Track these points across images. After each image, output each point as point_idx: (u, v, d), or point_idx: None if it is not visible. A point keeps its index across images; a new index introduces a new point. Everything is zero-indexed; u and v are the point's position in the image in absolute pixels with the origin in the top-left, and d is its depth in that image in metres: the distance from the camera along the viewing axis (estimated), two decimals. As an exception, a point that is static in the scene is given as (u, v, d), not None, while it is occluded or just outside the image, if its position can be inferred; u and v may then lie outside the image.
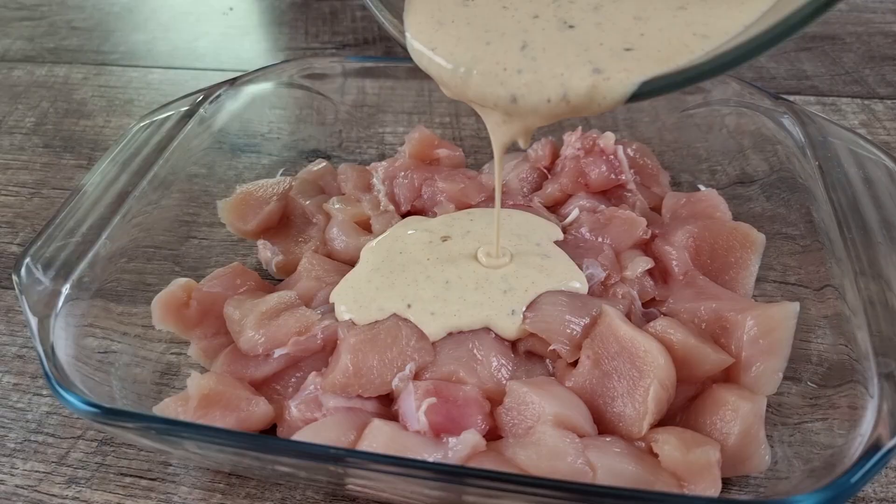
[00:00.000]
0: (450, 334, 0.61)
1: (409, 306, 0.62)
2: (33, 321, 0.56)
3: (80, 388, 0.53)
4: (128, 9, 1.40)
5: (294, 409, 0.57)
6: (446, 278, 0.64)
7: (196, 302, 0.65)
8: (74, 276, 0.61)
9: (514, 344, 0.62)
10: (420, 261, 0.67)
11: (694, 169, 0.83)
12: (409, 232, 0.71)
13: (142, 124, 0.76)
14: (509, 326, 0.61)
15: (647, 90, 0.45)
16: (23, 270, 0.59)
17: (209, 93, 0.80)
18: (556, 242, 0.69)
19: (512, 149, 0.91)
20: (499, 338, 0.61)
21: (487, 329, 0.61)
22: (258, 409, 0.57)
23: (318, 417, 0.57)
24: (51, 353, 0.54)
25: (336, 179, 0.82)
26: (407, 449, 0.52)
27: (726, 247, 0.68)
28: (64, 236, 0.63)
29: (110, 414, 0.50)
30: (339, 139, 0.92)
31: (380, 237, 0.72)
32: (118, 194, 0.68)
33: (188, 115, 0.77)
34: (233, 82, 0.82)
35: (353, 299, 0.64)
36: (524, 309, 0.61)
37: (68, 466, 0.61)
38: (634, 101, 0.46)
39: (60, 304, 0.58)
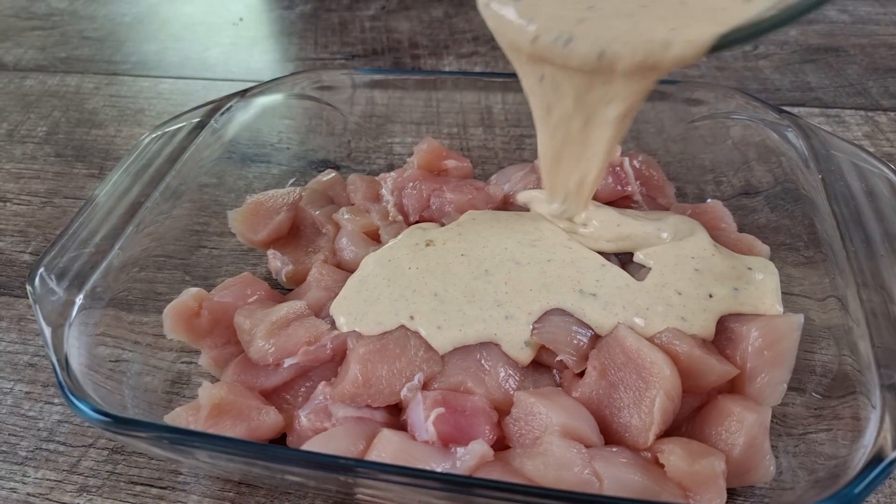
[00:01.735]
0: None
1: (411, 318, 0.63)
2: (47, 331, 0.57)
3: (93, 397, 0.53)
4: (139, 19, 1.41)
5: (304, 418, 0.58)
6: (434, 290, 0.65)
7: (207, 312, 0.66)
8: (88, 286, 0.62)
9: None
10: (404, 271, 0.67)
11: (699, 180, 0.83)
12: (400, 239, 0.72)
13: (154, 135, 0.77)
14: (521, 356, 0.61)
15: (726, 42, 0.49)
16: (37, 280, 0.60)
17: (221, 104, 0.81)
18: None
19: (520, 159, 0.93)
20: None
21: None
22: (268, 419, 0.58)
23: (327, 427, 0.57)
24: (64, 362, 0.55)
25: (345, 190, 0.83)
26: (415, 459, 0.52)
27: (732, 258, 0.68)
28: (77, 246, 0.64)
29: (124, 424, 0.51)
30: (348, 149, 0.93)
31: (382, 247, 0.72)
32: (131, 204, 0.69)
33: (200, 126, 0.78)
34: (244, 94, 0.83)
35: (348, 311, 0.64)
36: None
37: (80, 475, 0.62)
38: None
39: (74, 313, 0.59)
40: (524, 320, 0.61)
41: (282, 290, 0.75)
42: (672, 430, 0.57)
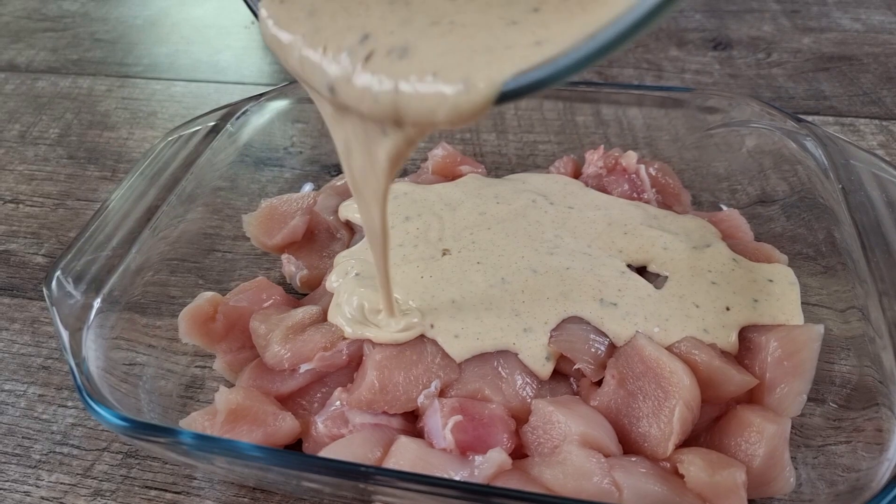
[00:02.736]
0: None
1: (431, 326, 0.62)
2: (65, 334, 0.57)
3: (111, 401, 0.53)
4: (150, 22, 1.41)
5: (321, 424, 0.58)
6: (451, 298, 0.64)
7: (222, 316, 0.65)
8: (105, 289, 0.61)
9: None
10: (415, 279, 0.67)
11: (714, 188, 0.83)
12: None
13: (169, 138, 0.77)
14: (543, 372, 0.60)
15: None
16: (53, 284, 0.60)
17: (236, 108, 0.81)
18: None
19: (533, 165, 0.92)
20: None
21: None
22: (285, 425, 0.58)
23: (344, 433, 0.57)
24: (83, 366, 0.55)
25: (359, 194, 0.83)
26: (433, 467, 0.52)
27: (749, 267, 0.68)
28: (94, 250, 0.64)
29: (143, 429, 0.51)
30: (361, 154, 0.92)
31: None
32: (147, 208, 0.69)
33: (215, 129, 0.77)
34: (259, 98, 0.83)
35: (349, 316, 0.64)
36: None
37: (93, 479, 0.62)
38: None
39: (92, 317, 0.59)
40: (542, 330, 0.61)
41: (296, 294, 0.75)
42: (690, 440, 0.56)
